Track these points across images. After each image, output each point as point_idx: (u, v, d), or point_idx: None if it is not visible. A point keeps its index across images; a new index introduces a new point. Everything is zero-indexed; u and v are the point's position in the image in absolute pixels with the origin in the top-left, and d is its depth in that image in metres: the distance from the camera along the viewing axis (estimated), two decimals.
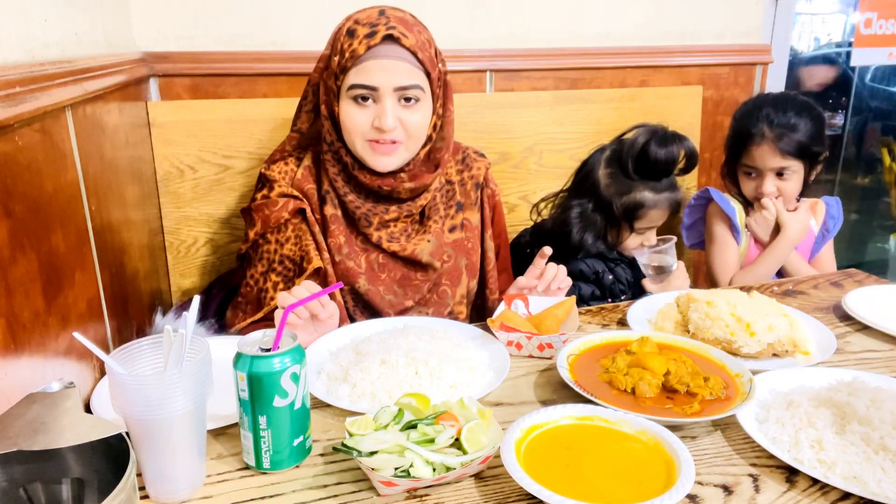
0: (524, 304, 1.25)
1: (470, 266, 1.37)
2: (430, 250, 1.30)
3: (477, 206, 1.40)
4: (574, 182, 1.61)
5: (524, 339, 1.12)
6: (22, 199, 0.81)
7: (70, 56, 1.05)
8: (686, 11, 2.02)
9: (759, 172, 1.74)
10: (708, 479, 0.81)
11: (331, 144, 1.25)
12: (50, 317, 0.86)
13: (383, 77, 1.16)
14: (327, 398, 0.96)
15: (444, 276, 1.33)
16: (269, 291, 1.25)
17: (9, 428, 0.62)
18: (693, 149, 1.52)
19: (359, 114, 1.19)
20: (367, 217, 1.27)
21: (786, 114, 1.70)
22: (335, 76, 1.20)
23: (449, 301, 1.34)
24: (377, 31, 1.15)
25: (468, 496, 0.78)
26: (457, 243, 1.36)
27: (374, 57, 1.15)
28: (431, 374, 0.99)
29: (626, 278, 1.57)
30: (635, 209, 1.52)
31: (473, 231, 1.39)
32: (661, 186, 1.53)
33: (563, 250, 1.56)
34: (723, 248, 1.80)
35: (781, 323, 1.13)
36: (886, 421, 0.84)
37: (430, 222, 1.32)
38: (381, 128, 1.17)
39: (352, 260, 1.28)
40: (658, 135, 1.50)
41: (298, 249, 1.26)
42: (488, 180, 1.42)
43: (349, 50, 1.16)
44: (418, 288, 1.32)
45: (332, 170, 1.27)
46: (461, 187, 1.38)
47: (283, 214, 1.25)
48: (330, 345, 1.12)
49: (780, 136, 1.69)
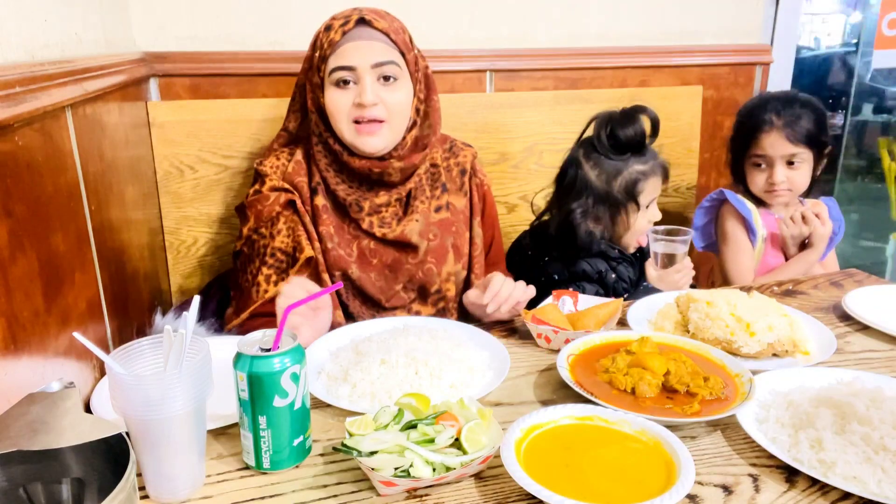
0: (573, 300, 1.29)
1: (456, 247, 1.40)
2: (418, 230, 1.33)
3: (463, 191, 1.43)
4: (562, 191, 1.59)
5: (552, 333, 1.14)
6: (22, 199, 0.81)
7: (70, 56, 1.05)
8: (686, 11, 2.02)
9: (768, 161, 1.74)
10: (708, 479, 0.81)
11: (319, 136, 1.30)
12: (50, 317, 0.86)
13: (359, 56, 1.22)
14: (327, 398, 0.96)
15: (430, 254, 1.35)
16: (262, 284, 1.27)
17: (9, 428, 0.62)
18: (654, 114, 1.54)
19: (341, 96, 1.24)
20: (359, 203, 1.30)
21: (792, 106, 1.73)
22: (318, 70, 1.25)
23: (435, 278, 1.36)
24: (350, 17, 1.23)
25: (468, 496, 0.78)
26: (443, 223, 1.38)
27: (349, 40, 1.22)
28: (431, 374, 0.99)
29: (629, 276, 1.57)
30: (634, 184, 1.53)
31: (458, 215, 1.41)
32: (646, 158, 1.55)
33: (566, 252, 1.56)
34: (739, 249, 1.80)
35: (781, 323, 1.13)
36: (886, 421, 0.84)
37: (417, 202, 1.35)
38: (363, 102, 1.22)
39: (343, 248, 1.31)
40: (616, 117, 1.53)
41: (291, 241, 1.28)
42: (476, 169, 1.46)
43: (327, 41, 1.23)
44: (409, 272, 1.34)
45: (324, 161, 1.31)
46: (447, 172, 1.42)
47: (275, 208, 1.28)
48: (330, 345, 1.13)
49: (789, 123, 1.71)
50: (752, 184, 1.80)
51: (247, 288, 1.29)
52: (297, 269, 1.27)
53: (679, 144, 2.01)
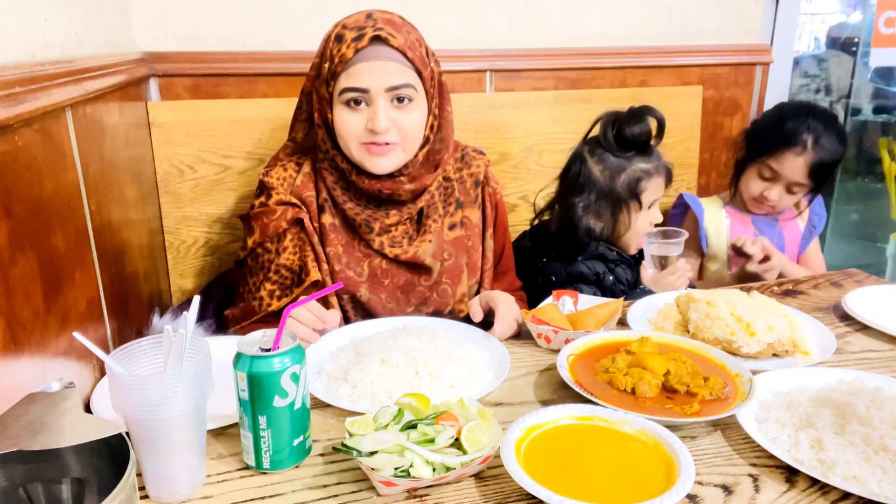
0: (573, 300, 1.28)
1: (471, 265, 1.36)
2: (431, 251, 1.29)
3: (477, 203, 1.38)
4: (566, 186, 1.60)
5: (551, 333, 1.14)
6: (22, 199, 0.81)
7: (70, 56, 1.05)
8: (686, 11, 2.02)
9: (776, 179, 1.72)
10: (708, 479, 0.81)
11: (326, 153, 1.24)
12: (50, 317, 0.86)
13: (373, 79, 1.15)
14: (327, 398, 0.96)
15: (445, 275, 1.32)
16: (265, 299, 1.24)
17: (9, 428, 0.62)
18: (660, 115, 1.53)
19: (352, 118, 1.18)
20: (368, 223, 1.25)
21: (831, 136, 1.66)
22: (326, 83, 1.19)
23: (450, 300, 1.33)
24: (364, 33, 1.15)
25: (468, 496, 0.78)
26: (457, 241, 1.34)
27: (363, 59, 1.15)
28: (432, 374, 0.99)
29: (627, 279, 1.57)
30: (637, 183, 1.53)
31: (473, 229, 1.37)
32: (650, 158, 1.55)
33: (565, 251, 1.56)
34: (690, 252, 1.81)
35: (781, 323, 1.13)
36: (886, 421, 0.84)
37: (430, 221, 1.30)
38: (375, 129, 1.16)
39: (352, 269, 1.27)
40: (623, 115, 1.53)
41: (297, 259, 1.25)
42: (489, 178, 1.40)
43: (338, 55, 1.15)
44: (421, 294, 1.31)
45: (330, 178, 1.26)
46: (460, 185, 1.37)
47: (281, 224, 1.24)
48: (330, 345, 1.12)
49: (819, 154, 1.66)
50: (747, 184, 1.78)
51: (249, 298, 1.27)
52: (302, 290, 1.23)
53: (679, 144, 2.01)
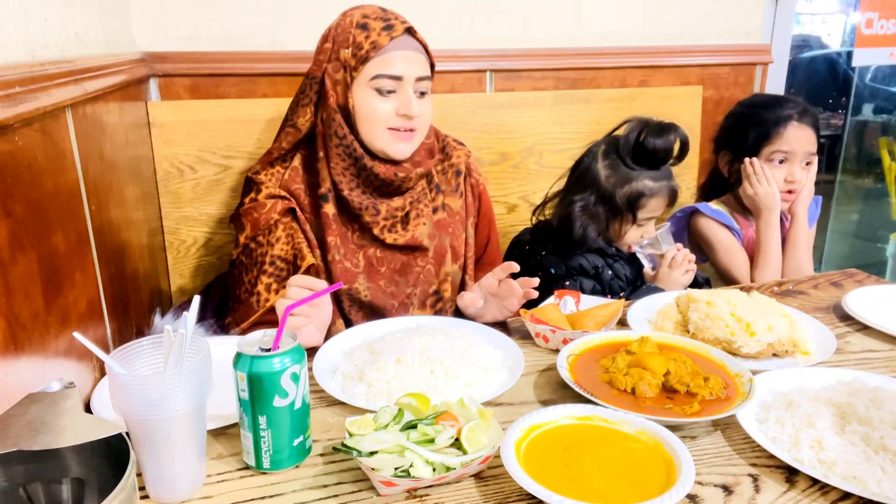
0: (574, 300, 1.29)
1: (454, 249, 1.39)
2: (427, 233, 1.33)
3: (458, 193, 1.42)
4: (572, 179, 1.61)
5: (549, 333, 1.15)
6: (22, 199, 0.81)
7: (70, 56, 1.05)
8: (686, 11, 2.02)
9: (789, 157, 1.71)
10: (708, 479, 0.81)
11: (343, 138, 1.24)
12: (50, 317, 0.86)
13: (406, 67, 1.22)
14: (343, 397, 0.96)
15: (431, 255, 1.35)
16: (262, 294, 1.24)
17: (9, 428, 0.62)
18: (685, 136, 1.53)
19: (381, 104, 1.22)
20: (376, 206, 1.28)
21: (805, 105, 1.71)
22: (346, 68, 1.22)
23: (433, 279, 1.35)
24: (394, 24, 1.21)
25: (468, 496, 0.78)
26: (440, 223, 1.37)
27: (397, 48, 1.21)
28: (447, 374, 0.99)
29: (625, 274, 1.58)
30: (637, 198, 1.53)
31: (454, 216, 1.41)
32: (659, 175, 1.54)
33: (564, 246, 1.57)
34: (733, 251, 1.78)
35: (781, 323, 1.13)
36: (886, 421, 0.84)
37: (421, 205, 1.34)
38: (409, 114, 1.22)
39: (348, 260, 1.28)
40: (652, 126, 1.52)
41: (291, 248, 1.26)
42: (471, 169, 1.45)
43: (368, 42, 1.20)
44: (417, 274, 1.33)
45: (341, 164, 1.25)
46: (441, 175, 1.41)
47: (272, 215, 1.25)
48: (343, 344, 1.13)
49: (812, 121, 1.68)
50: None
51: (245, 298, 1.27)
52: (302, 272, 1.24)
53: None
